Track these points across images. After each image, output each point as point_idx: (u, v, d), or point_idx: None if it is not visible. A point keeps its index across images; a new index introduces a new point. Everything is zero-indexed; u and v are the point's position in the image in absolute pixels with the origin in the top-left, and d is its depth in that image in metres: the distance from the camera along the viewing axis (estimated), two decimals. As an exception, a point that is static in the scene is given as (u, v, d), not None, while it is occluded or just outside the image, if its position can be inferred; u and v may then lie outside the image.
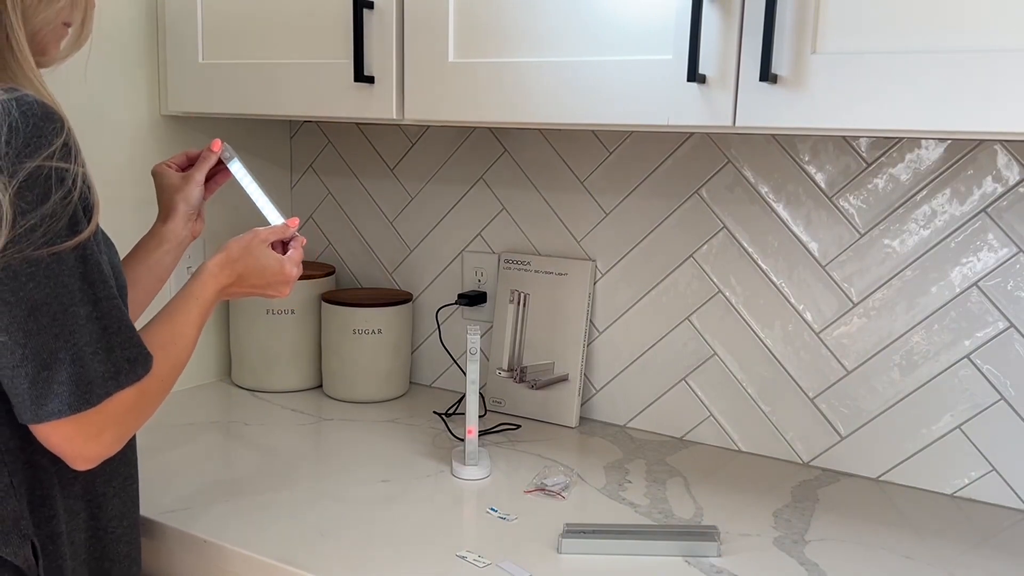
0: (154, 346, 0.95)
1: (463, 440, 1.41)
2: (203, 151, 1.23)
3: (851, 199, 1.39)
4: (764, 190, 1.46)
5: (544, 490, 1.34)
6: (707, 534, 1.17)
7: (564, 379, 1.63)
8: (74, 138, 0.86)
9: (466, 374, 1.38)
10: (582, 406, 1.65)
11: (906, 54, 1.00)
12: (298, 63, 1.44)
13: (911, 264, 1.36)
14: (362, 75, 1.36)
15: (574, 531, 1.17)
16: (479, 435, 1.40)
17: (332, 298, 1.73)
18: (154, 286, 1.21)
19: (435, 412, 1.67)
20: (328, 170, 1.91)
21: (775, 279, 1.47)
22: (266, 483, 1.34)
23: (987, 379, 1.33)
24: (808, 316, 1.45)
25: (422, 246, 1.81)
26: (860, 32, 1.03)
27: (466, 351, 1.37)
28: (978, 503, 1.35)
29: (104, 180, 1.01)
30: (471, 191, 1.74)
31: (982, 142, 1.29)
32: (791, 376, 1.47)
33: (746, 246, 1.48)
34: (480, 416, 1.48)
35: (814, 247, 1.43)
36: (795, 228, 1.44)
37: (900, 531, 1.25)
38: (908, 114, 1.01)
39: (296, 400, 1.73)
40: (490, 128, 1.69)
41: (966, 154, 1.31)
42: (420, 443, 1.52)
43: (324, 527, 1.21)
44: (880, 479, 1.42)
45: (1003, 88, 0.95)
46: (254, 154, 1.86)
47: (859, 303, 1.40)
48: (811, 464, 1.47)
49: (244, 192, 1.24)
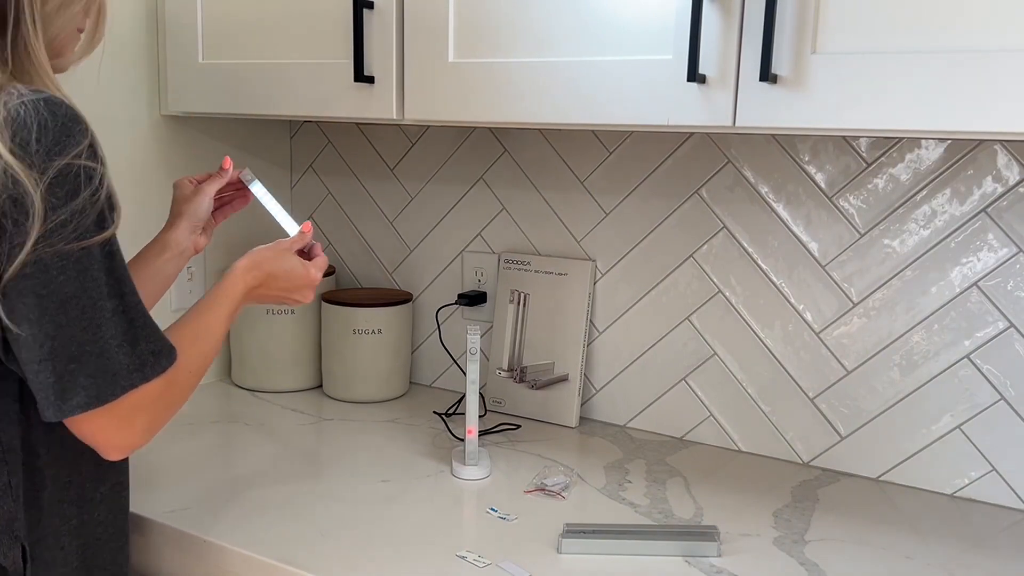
0: (184, 340, 0.98)
1: (463, 440, 1.41)
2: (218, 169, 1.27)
3: (851, 199, 1.39)
4: (764, 190, 1.46)
5: (544, 490, 1.34)
6: (707, 534, 1.17)
7: (564, 379, 1.63)
8: (97, 140, 0.88)
9: (466, 374, 1.38)
10: (582, 406, 1.65)
11: (906, 54, 1.00)
12: (298, 63, 1.44)
13: (911, 264, 1.36)
14: (362, 75, 1.36)
15: (574, 531, 1.17)
16: (479, 435, 1.40)
17: (332, 298, 1.73)
18: (155, 293, 1.22)
19: (435, 412, 1.67)
20: (328, 170, 1.91)
21: (775, 279, 1.47)
22: (266, 483, 1.35)
23: (987, 379, 1.33)
24: (808, 316, 1.45)
25: (422, 246, 1.81)
26: (860, 32, 1.03)
27: (466, 351, 1.37)
28: (978, 503, 1.35)
29: (104, 180, 1.01)
30: (471, 191, 1.74)
31: (982, 142, 1.29)
32: (791, 376, 1.47)
33: (746, 246, 1.48)
34: (480, 416, 1.48)
35: (814, 247, 1.43)
36: (795, 228, 1.44)
37: (900, 531, 1.25)
38: (908, 114, 1.01)
39: (296, 400, 1.73)
40: (490, 128, 1.69)
41: (966, 154, 1.31)
42: (420, 443, 1.52)
43: (324, 527, 1.21)
44: (880, 479, 1.42)
45: (1003, 88, 0.95)
46: (254, 154, 1.86)
47: (859, 303, 1.40)
48: (811, 464, 1.47)
49: (263, 209, 1.29)
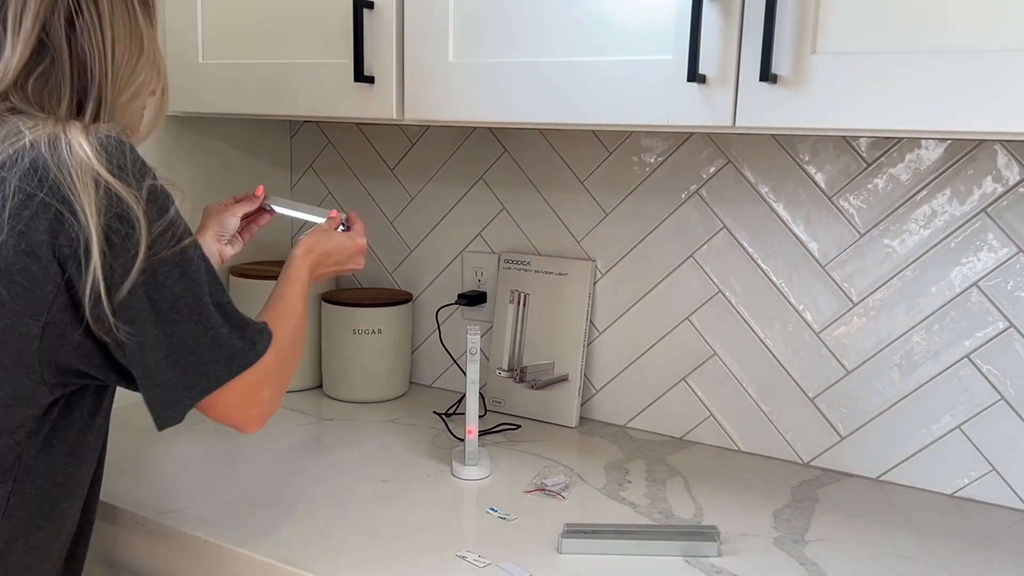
0: (278, 318, 1.09)
1: (463, 440, 1.41)
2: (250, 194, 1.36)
3: (851, 199, 1.39)
4: (764, 190, 1.46)
5: (544, 490, 1.34)
6: (707, 534, 1.17)
7: (564, 379, 1.63)
8: None
9: (466, 374, 1.38)
10: (582, 406, 1.65)
11: (906, 54, 1.00)
12: (298, 63, 1.44)
13: (911, 264, 1.36)
14: (362, 75, 1.36)
15: (574, 531, 1.17)
16: (479, 435, 1.40)
17: (332, 298, 1.73)
18: None
19: (435, 412, 1.67)
20: (328, 170, 1.91)
21: (775, 279, 1.46)
22: (266, 483, 1.35)
23: (987, 379, 1.33)
24: (808, 316, 1.45)
25: (422, 246, 1.81)
26: (860, 32, 1.03)
27: (466, 351, 1.37)
28: (978, 503, 1.35)
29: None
30: (471, 191, 1.74)
31: (982, 142, 1.29)
32: (791, 376, 1.47)
33: (746, 246, 1.48)
34: (480, 416, 1.48)
35: (814, 247, 1.43)
36: (795, 228, 1.44)
37: (900, 531, 1.25)
38: (908, 114, 1.01)
39: (296, 400, 1.73)
40: (490, 128, 1.69)
41: (966, 154, 1.31)
42: (420, 443, 1.52)
43: (324, 527, 1.21)
44: (880, 479, 1.42)
45: (1003, 88, 0.95)
46: (254, 154, 1.86)
47: (859, 303, 1.40)
48: (811, 464, 1.47)
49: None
